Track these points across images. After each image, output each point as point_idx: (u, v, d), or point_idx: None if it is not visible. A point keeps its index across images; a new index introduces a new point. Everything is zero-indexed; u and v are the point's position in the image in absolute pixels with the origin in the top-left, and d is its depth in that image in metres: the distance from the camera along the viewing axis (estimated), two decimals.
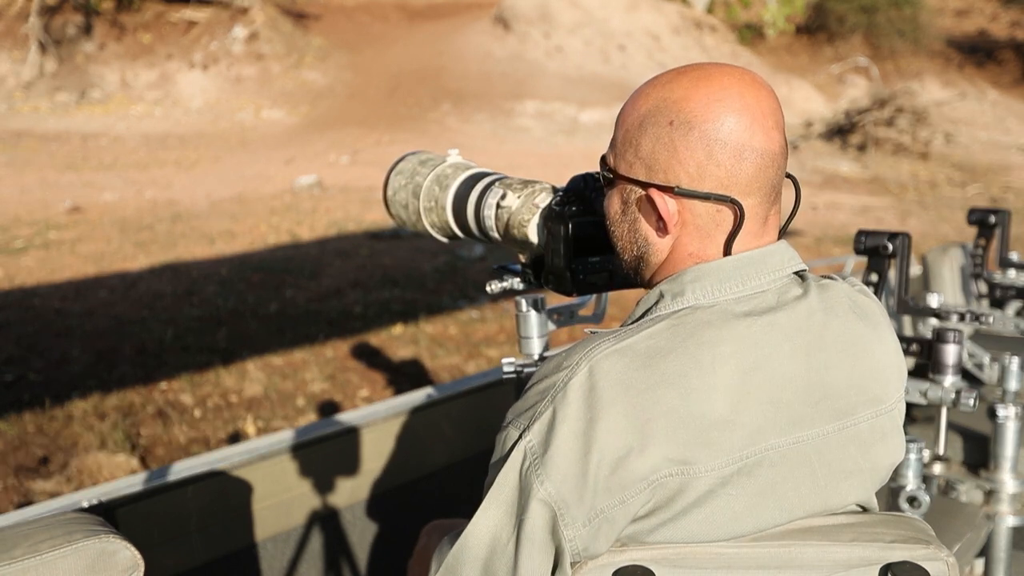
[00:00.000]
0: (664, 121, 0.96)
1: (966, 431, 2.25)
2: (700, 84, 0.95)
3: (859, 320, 1.00)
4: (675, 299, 0.96)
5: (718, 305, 0.95)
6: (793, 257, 1.00)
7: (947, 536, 1.90)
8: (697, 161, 0.95)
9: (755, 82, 0.97)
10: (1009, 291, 2.72)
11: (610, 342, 0.92)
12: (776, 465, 0.92)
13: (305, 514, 2.12)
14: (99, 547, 0.92)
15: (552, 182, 1.33)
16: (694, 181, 0.95)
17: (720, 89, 0.95)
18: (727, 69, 0.97)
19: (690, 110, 0.95)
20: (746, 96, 0.95)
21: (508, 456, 0.91)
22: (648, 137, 0.97)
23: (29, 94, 16.39)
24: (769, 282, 0.97)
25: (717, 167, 0.94)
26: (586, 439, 0.88)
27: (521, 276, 1.44)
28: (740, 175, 0.95)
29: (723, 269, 0.96)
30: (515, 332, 1.55)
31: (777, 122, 0.97)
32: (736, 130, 0.94)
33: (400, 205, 1.47)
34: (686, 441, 0.88)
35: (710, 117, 0.94)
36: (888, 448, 1.01)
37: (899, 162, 14.23)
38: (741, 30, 21.89)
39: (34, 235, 8.09)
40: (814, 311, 0.97)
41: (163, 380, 4.44)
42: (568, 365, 0.92)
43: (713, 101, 0.94)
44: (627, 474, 0.87)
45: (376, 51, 18.49)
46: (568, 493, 0.88)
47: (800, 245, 8.20)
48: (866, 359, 0.99)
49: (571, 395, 0.89)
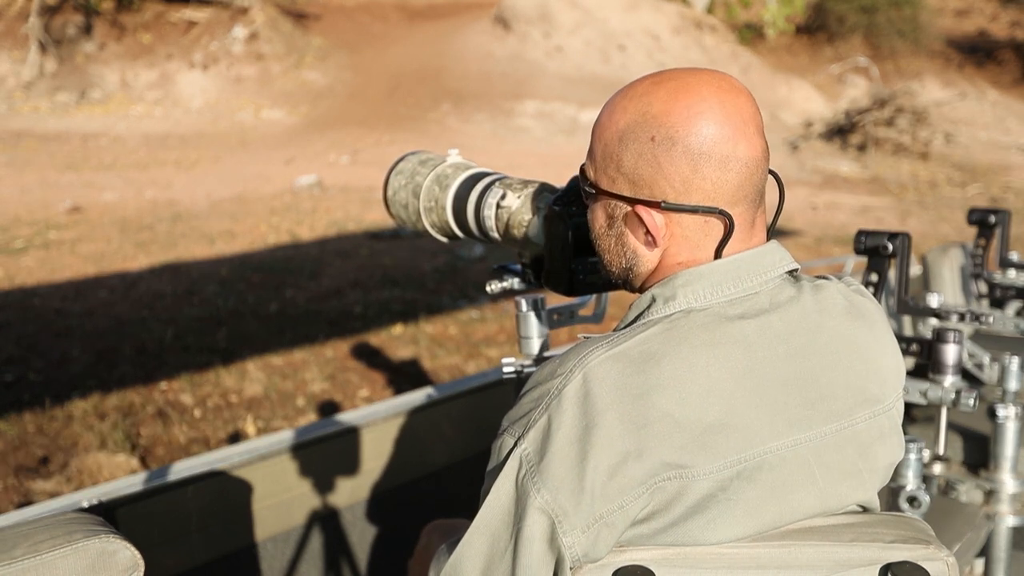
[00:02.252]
0: (645, 137, 0.95)
1: (966, 431, 2.25)
2: (679, 96, 0.94)
3: (855, 320, 1.00)
4: (667, 303, 0.96)
5: (711, 308, 0.94)
6: (784, 257, 1.00)
7: (947, 536, 1.90)
8: (683, 176, 0.94)
9: (732, 88, 0.96)
10: (1009, 291, 2.72)
11: (604, 348, 0.91)
12: (775, 468, 0.92)
13: (305, 514, 2.12)
14: (99, 547, 0.92)
15: (552, 182, 1.33)
16: (680, 195, 0.95)
17: (699, 100, 0.94)
18: (704, 77, 0.96)
19: (671, 124, 0.94)
20: (726, 105, 0.94)
21: (504, 464, 0.91)
22: (630, 153, 0.96)
23: (29, 94, 16.39)
24: (761, 284, 0.97)
25: (703, 180, 0.94)
26: (582, 446, 0.87)
27: (521, 276, 1.44)
28: (726, 186, 0.94)
29: (715, 272, 0.96)
30: (515, 332, 1.55)
31: (758, 127, 0.97)
32: (719, 141, 0.93)
33: (400, 205, 1.47)
34: (682, 445, 0.88)
35: (692, 131, 0.93)
36: (887, 448, 1.00)
37: (899, 162, 14.23)
38: (741, 30, 21.88)
39: (34, 235, 8.09)
40: (808, 312, 0.97)
41: (163, 380, 4.44)
42: (562, 372, 0.91)
43: (694, 114, 0.93)
44: (624, 479, 0.87)
45: (376, 51, 18.50)
46: (565, 500, 0.87)
47: (800, 245, 8.20)
48: (863, 359, 0.98)
49: (566, 402, 0.89)
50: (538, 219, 1.28)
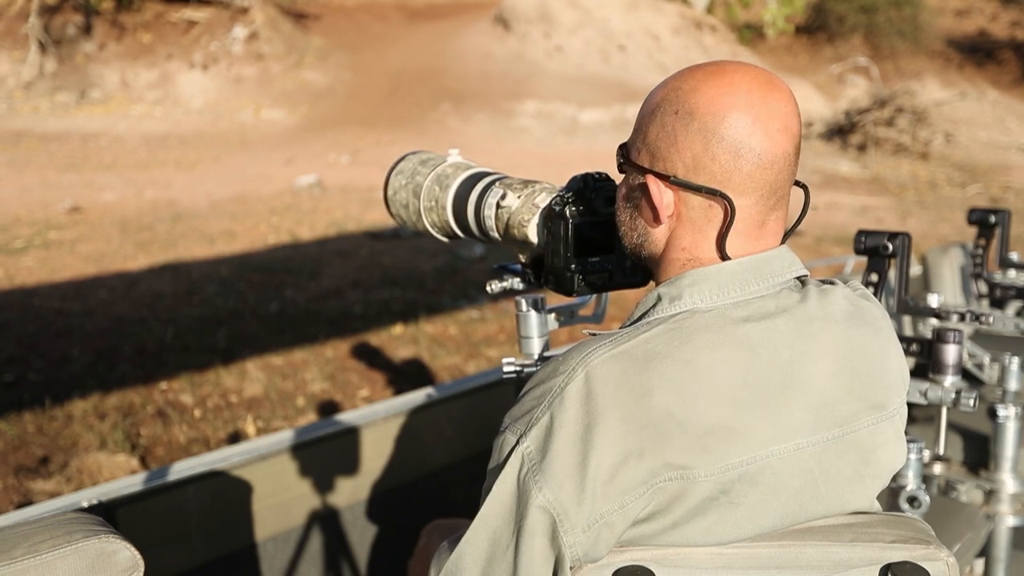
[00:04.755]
0: (671, 110, 0.96)
1: (966, 431, 2.25)
2: (711, 78, 0.95)
3: (860, 326, 0.99)
4: (672, 303, 0.96)
5: (716, 310, 0.94)
6: (794, 262, 1.00)
7: (947, 536, 1.90)
8: (694, 152, 0.94)
9: (770, 83, 0.96)
10: (1009, 291, 2.72)
11: (607, 346, 0.91)
12: (777, 473, 0.91)
13: (305, 514, 2.12)
14: (99, 547, 0.92)
15: (552, 182, 1.33)
16: (689, 172, 0.95)
17: (728, 85, 0.94)
18: (744, 68, 0.96)
19: (695, 101, 0.94)
20: (753, 95, 0.94)
21: (506, 462, 0.91)
22: (655, 125, 0.98)
23: (29, 94, 16.38)
24: (768, 287, 0.96)
25: (712, 161, 0.94)
26: (584, 445, 0.87)
27: (521, 276, 1.44)
28: (735, 173, 0.94)
29: (722, 273, 0.95)
30: (515, 332, 1.55)
31: (786, 126, 0.95)
32: (736, 127, 0.93)
33: (400, 205, 1.47)
34: (684, 447, 0.88)
35: (712, 111, 0.93)
36: (889, 454, 1.00)
37: (899, 162, 14.23)
38: (741, 30, 21.88)
39: (34, 235, 8.09)
40: (813, 318, 0.96)
41: (163, 380, 4.44)
42: (565, 370, 0.91)
43: (719, 95, 0.94)
44: (625, 479, 0.87)
45: (376, 51, 18.49)
46: (567, 499, 0.87)
47: (800, 245, 8.20)
48: (867, 365, 0.98)
49: (568, 400, 0.89)
50: (539, 219, 1.28)
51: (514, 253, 1.39)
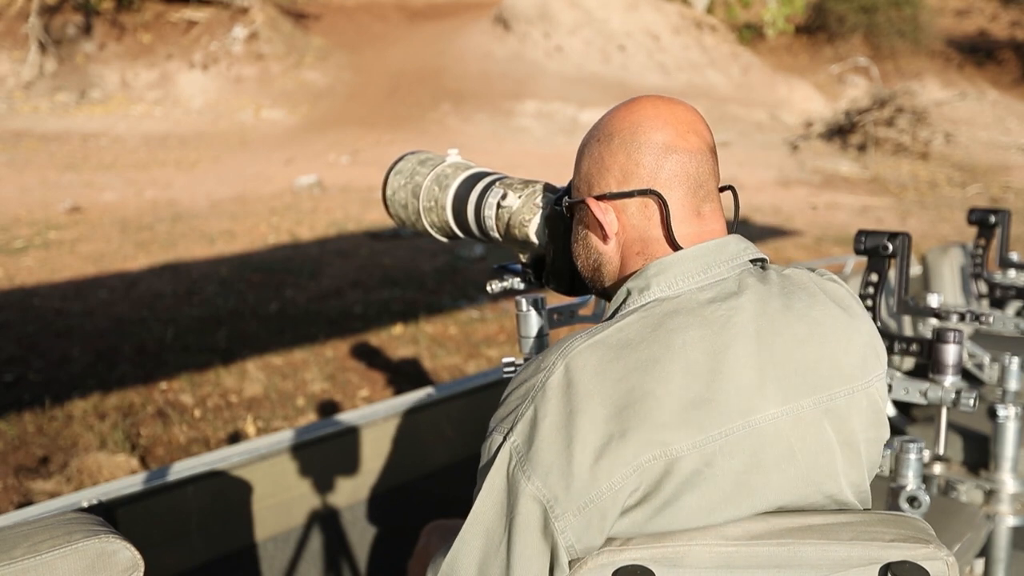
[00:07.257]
0: (594, 140, 1.08)
1: (966, 431, 2.25)
2: (623, 106, 1.08)
3: (826, 302, 1.03)
4: (641, 294, 1.01)
5: (683, 295, 0.99)
6: (749, 247, 1.06)
7: (947, 536, 1.90)
8: (620, 165, 1.04)
9: (673, 100, 1.07)
10: (1009, 291, 2.72)
11: (583, 338, 0.96)
12: (755, 441, 0.94)
13: (305, 514, 2.12)
14: (99, 547, 0.92)
15: (552, 182, 1.33)
16: (621, 184, 1.05)
17: (637, 103, 1.06)
18: (653, 96, 1.08)
19: (612, 124, 1.06)
20: (660, 107, 1.05)
21: (494, 459, 0.94)
22: (585, 158, 1.09)
23: (29, 94, 16.39)
24: (729, 270, 1.02)
25: (637, 166, 1.03)
26: (568, 431, 0.90)
27: (521, 276, 1.44)
28: (660, 171, 1.03)
29: (684, 261, 1.02)
30: (515, 332, 1.55)
31: (695, 129, 1.05)
32: (650, 132, 1.03)
33: (399, 205, 1.47)
34: (664, 423, 0.90)
35: (626, 126, 1.05)
36: (865, 422, 1.01)
37: (899, 162, 14.23)
38: (741, 30, 21.89)
39: (34, 235, 8.09)
40: (775, 295, 1.01)
41: (163, 380, 4.44)
42: (546, 366, 0.95)
43: (630, 113, 1.05)
44: (611, 461, 0.89)
45: (376, 51, 18.49)
46: (555, 485, 0.90)
47: (800, 245, 8.20)
48: (837, 338, 1.01)
49: (550, 392, 0.93)
50: (539, 219, 1.28)
51: (514, 253, 1.39)
